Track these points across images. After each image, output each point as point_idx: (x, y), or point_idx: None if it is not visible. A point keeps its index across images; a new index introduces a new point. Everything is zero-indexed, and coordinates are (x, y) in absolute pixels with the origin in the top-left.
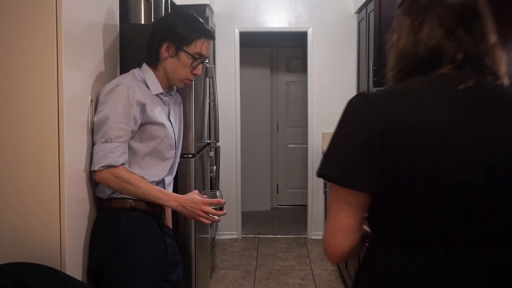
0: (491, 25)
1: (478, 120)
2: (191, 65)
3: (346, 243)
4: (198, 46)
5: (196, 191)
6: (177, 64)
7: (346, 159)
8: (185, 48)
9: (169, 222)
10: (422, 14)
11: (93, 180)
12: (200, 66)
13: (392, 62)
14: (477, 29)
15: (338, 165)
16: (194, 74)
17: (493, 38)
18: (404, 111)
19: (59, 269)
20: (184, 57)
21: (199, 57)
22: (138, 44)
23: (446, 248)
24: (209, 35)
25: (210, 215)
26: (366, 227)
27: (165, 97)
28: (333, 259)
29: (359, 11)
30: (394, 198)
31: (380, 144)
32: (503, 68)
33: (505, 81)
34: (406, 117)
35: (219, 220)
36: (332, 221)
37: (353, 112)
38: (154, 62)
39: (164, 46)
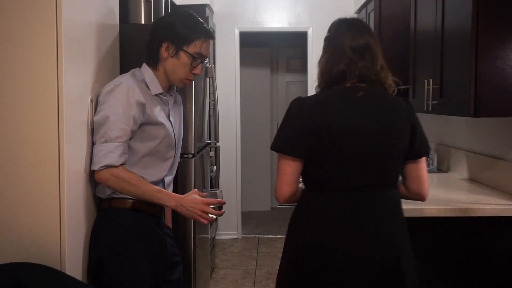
0: (380, 56)
1: (366, 114)
2: (191, 65)
3: (287, 190)
4: (198, 46)
5: (196, 190)
6: (177, 64)
7: (288, 139)
8: (184, 48)
9: (169, 222)
10: (334, 47)
11: (93, 180)
12: (200, 66)
13: (318, 74)
14: (369, 58)
15: (284, 142)
16: (194, 74)
17: (379, 63)
18: (323, 113)
19: (59, 269)
20: (183, 57)
21: (199, 57)
22: (138, 44)
23: (344, 192)
24: (209, 35)
25: (210, 215)
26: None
27: (165, 97)
28: (280, 201)
29: (359, 11)
30: (315, 163)
31: (307, 131)
32: (389, 81)
33: (391, 89)
34: (324, 116)
35: (215, 220)
36: (279, 177)
37: (292, 111)
38: (154, 62)
39: (164, 46)
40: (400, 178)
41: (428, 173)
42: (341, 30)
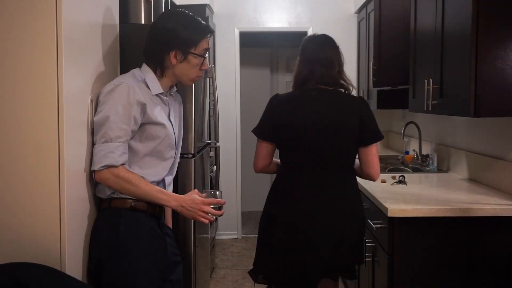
0: (337, 64)
1: (318, 108)
2: (201, 63)
3: (260, 164)
4: (205, 44)
5: (196, 190)
6: (187, 67)
7: (262, 127)
8: (192, 51)
9: (169, 222)
10: (302, 58)
11: (93, 180)
12: (207, 60)
13: (293, 78)
14: (328, 66)
15: (259, 129)
16: (202, 70)
17: (336, 69)
18: (286, 108)
19: (59, 269)
20: (193, 59)
21: (205, 53)
22: (138, 44)
23: (302, 170)
24: (211, 31)
25: (210, 214)
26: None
27: (165, 97)
28: (256, 171)
29: (359, 11)
30: (281, 146)
31: (275, 121)
32: (345, 83)
33: (351, 89)
34: (286, 111)
35: (215, 220)
36: (255, 154)
37: (269, 105)
38: (161, 71)
39: (172, 54)
40: (358, 161)
41: (428, 173)
42: (307, 45)
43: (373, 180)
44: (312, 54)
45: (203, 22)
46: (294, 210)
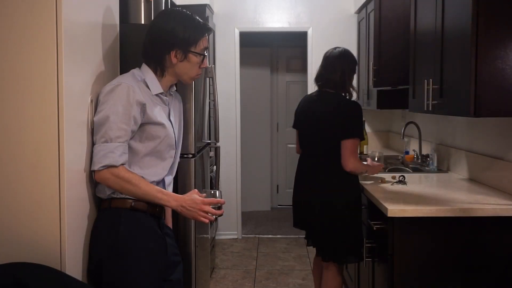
0: (340, 72)
1: (313, 108)
2: (201, 61)
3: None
4: (204, 42)
5: (196, 190)
6: (188, 66)
7: (295, 119)
8: (192, 50)
9: (169, 222)
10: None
11: (93, 180)
12: (206, 59)
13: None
14: (332, 72)
15: (294, 121)
16: (202, 68)
17: (338, 75)
18: (300, 106)
19: (59, 269)
20: (193, 58)
21: (205, 51)
22: (138, 44)
23: (303, 156)
24: (209, 30)
25: (210, 214)
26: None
27: (165, 97)
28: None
29: (359, 11)
30: (299, 136)
31: (295, 117)
32: (346, 88)
33: (354, 94)
34: (301, 107)
35: (215, 219)
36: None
37: (299, 103)
38: (161, 71)
39: (172, 54)
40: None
41: (428, 173)
42: (324, 54)
43: (345, 169)
44: (322, 62)
45: (201, 20)
46: (297, 188)
